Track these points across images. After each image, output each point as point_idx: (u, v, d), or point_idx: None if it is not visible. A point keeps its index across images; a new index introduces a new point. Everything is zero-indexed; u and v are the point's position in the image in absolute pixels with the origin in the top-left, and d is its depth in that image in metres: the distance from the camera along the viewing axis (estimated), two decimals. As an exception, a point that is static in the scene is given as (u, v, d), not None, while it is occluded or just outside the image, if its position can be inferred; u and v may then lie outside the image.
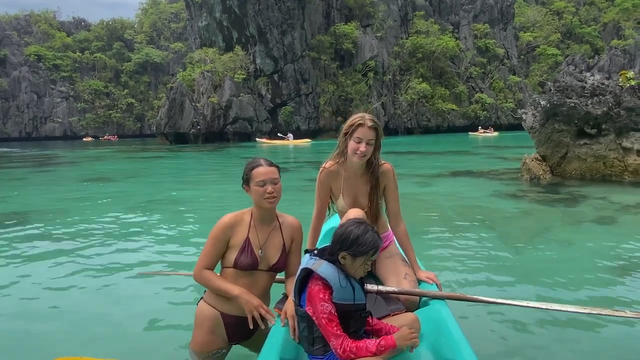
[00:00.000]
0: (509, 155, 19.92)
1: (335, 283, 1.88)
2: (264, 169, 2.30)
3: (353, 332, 1.92)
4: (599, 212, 7.20)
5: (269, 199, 2.28)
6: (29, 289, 4.21)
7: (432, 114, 60.54)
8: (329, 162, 2.74)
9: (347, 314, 1.91)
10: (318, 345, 1.92)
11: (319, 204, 2.79)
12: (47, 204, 9.33)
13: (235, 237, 2.32)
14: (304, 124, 52.38)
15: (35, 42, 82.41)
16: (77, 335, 3.26)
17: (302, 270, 1.99)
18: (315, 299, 1.87)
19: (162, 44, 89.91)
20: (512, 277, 4.33)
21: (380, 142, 2.62)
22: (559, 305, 2.37)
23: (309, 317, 1.91)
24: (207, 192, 10.89)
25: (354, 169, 2.67)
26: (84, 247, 5.65)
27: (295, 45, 51.87)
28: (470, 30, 68.02)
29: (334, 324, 1.84)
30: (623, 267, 4.53)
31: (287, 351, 2.03)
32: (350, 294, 1.91)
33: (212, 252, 2.33)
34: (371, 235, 1.93)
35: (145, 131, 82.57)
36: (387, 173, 2.71)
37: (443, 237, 5.86)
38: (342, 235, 1.95)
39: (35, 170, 19.18)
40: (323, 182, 2.75)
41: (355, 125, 2.55)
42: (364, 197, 2.70)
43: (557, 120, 10.76)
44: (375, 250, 1.95)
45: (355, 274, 1.96)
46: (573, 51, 74.65)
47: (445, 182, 11.83)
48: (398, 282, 2.50)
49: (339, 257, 1.94)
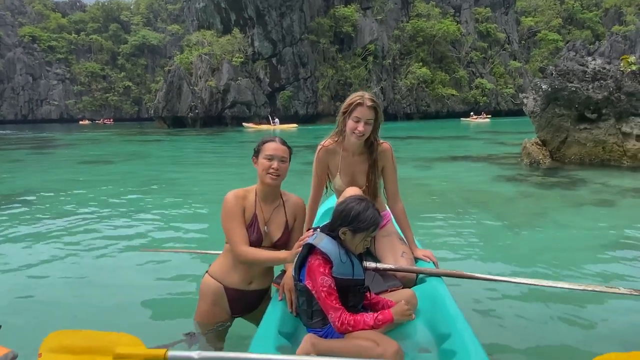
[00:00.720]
0: (508, 140, 19.92)
1: (336, 258, 1.91)
2: (276, 145, 2.33)
3: (351, 306, 1.95)
4: (597, 195, 7.26)
5: (272, 174, 2.29)
6: (29, 265, 4.25)
7: (432, 99, 60.22)
8: (327, 141, 2.73)
9: (346, 288, 1.94)
10: (317, 319, 1.95)
11: (316, 183, 2.78)
12: (45, 184, 9.32)
13: (245, 212, 2.35)
14: (303, 109, 52.09)
15: (29, 22, 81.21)
16: (78, 309, 3.30)
17: (304, 247, 2.01)
18: (316, 272, 1.90)
19: (159, 26, 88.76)
20: (511, 256, 4.38)
21: (379, 122, 2.61)
22: (554, 282, 2.40)
23: (309, 291, 1.94)
24: (206, 174, 10.89)
25: (352, 148, 2.67)
26: (84, 225, 5.68)
27: (294, 28, 51.25)
28: (471, 14, 67.26)
29: (333, 297, 1.87)
30: (619, 246, 4.59)
31: (286, 324, 2.07)
32: (349, 269, 1.94)
33: (238, 227, 2.30)
34: (372, 212, 1.95)
35: (143, 115, 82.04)
36: (386, 152, 2.71)
37: (442, 218, 5.90)
38: (342, 212, 1.97)
39: (32, 152, 19.09)
40: (321, 161, 2.74)
41: (354, 104, 2.53)
42: (362, 176, 2.70)
43: (557, 104, 10.75)
44: (376, 227, 1.98)
45: (355, 250, 1.99)
46: (574, 37, 74.02)
47: (444, 166, 11.85)
48: (395, 260, 2.52)
49: (339, 232, 1.96)
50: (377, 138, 2.67)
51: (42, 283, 3.82)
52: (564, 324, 2.96)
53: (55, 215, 6.32)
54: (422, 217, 5.81)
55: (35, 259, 4.40)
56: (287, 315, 2.12)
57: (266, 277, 2.48)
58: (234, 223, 2.30)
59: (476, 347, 1.72)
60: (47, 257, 4.47)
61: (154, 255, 4.36)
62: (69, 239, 5.08)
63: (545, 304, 3.22)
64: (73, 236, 5.20)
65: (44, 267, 4.19)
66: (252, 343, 1.85)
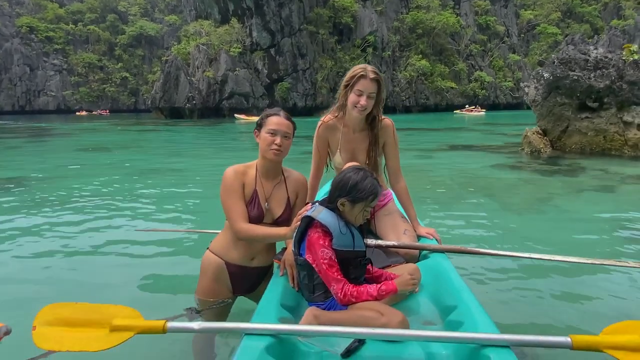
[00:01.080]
0: (507, 131, 19.88)
1: (335, 229, 1.86)
2: (279, 119, 2.22)
3: (353, 278, 1.91)
4: (598, 182, 7.23)
5: (275, 150, 2.20)
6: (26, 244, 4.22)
7: (431, 92, 60.06)
8: (327, 116, 2.64)
9: (347, 260, 1.89)
10: (318, 292, 1.91)
11: (316, 159, 2.71)
12: (44, 170, 9.23)
13: (245, 187, 2.28)
14: (301, 101, 51.87)
15: (27, 13, 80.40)
16: (74, 285, 3.27)
17: (303, 219, 1.96)
18: (316, 245, 1.86)
19: (157, 17, 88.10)
20: (514, 237, 4.36)
21: (382, 96, 2.52)
22: (562, 256, 2.33)
23: (309, 264, 1.90)
24: (203, 162, 10.84)
25: (353, 123, 2.58)
26: (81, 208, 5.64)
27: (293, 18, 50.85)
28: (471, 7, 66.93)
29: (335, 269, 1.83)
30: (621, 227, 4.57)
31: (288, 299, 2.02)
32: (349, 240, 1.90)
33: (237, 203, 2.22)
34: (370, 181, 1.90)
35: (140, 106, 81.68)
36: (387, 128, 2.62)
37: (444, 203, 5.87)
38: (340, 182, 1.92)
39: (30, 140, 18.97)
40: (321, 137, 2.66)
41: (357, 76, 2.43)
42: (362, 153, 2.62)
43: (559, 93, 10.67)
44: (375, 197, 1.91)
45: (354, 221, 1.94)
46: (573, 30, 73.71)
47: (445, 155, 11.80)
48: (398, 238, 2.47)
49: (338, 203, 1.91)
50: (379, 113, 2.57)
51: (39, 261, 3.78)
52: (570, 296, 2.95)
53: (53, 198, 6.28)
54: (424, 202, 5.76)
55: (33, 239, 4.36)
56: (289, 290, 2.07)
57: (268, 253, 2.42)
58: (233, 199, 2.22)
59: (483, 316, 1.66)
60: (45, 236, 4.44)
61: (153, 235, 4.32)
62: (66, 220, 5.04)
63: (552, 278, 3.20)
64: (70, 217, 5.16)
65: (41, 246, 4.16)
66: (254, 315, 1.79)
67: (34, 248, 4.10)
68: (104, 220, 5.01)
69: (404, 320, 1.70)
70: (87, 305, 1.67)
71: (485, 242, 4.13)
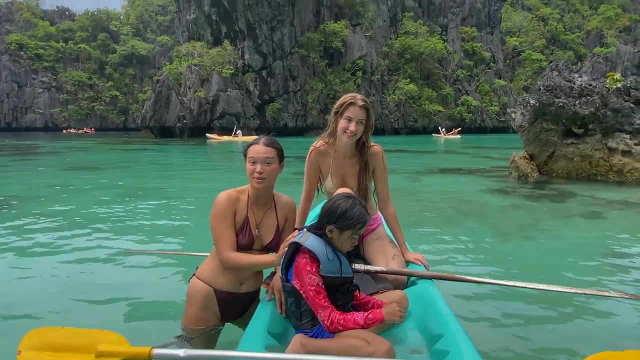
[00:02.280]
0: (494, 154, 20.17)
1: (323, 255, 1.87)
2: (259, 147, 2.22)
3: (341, 305, 1.91)
4: (585, 207, 7.32)
5: (257, 178, 2.21)
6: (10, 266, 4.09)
7: (419, 114, 61.03)
8: (319, 142, 2.70)
9: (335, 287, 1.90)
10: (306, 319, 1.91)
11: (307, 185, 2.75)
12: (29, 190, 9.06)
13: (237, 215, 2.26)
14: (292, 121, 52.26)
15: (17, 30, 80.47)
16: (60, 309, 3.17)
17: (290, 246, 1.96)
18: (303, 271, 1.86)
19: (149, 37, 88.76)
20: (502, 262, 4.37)
21: (371, 123, 2.59)
22: (546, 285, 2.38)
23: (297, 291, 1.89)
24: (193, 182, 10.73)
25: (343, 149, 2.64)
26: (68, 228, 5.52)
27: (285, 41, 51.68)
28: (457, 33, 68.74)
29: (322, 296, 1.83)
30: (608, 255, 4.60)
31: (275, 325, 2.01)
32: (337, 267, 1.90)
33: (225, 230, 2.20)
34: (359, 209, 1.92)
35: (129, 125, 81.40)
36: (377, 155, 2.69)
37: (433, 227, 5.88)
38: (329, 209, 1.94)
39: (17, 159, 18.68)
40: (312, 162, 2.71)
41: (346, 104, 2.52)
42: (353, 178, 2.68)
43: (545, 119, 10.89)
44: (363, 225, 1.94)
45: (342, 248, 1.95)
46: (557, 57, 75.99)
47: (434, 178, 11.89)
48: (386, 263, 2.49)
49: (326, 230, 1.92)
50: (368, 140, 2.65)
51: (23, 284, 3.68)
52: (555, 325, 2.96)
53: (38, 218, 6.13)
54: (412, 225, 5.76)
55: (17, 261, 4.25)
56: (277, 316, 2.06)
57: (257, 278, 2.39)
58: (223, 226, 2.20)
59: (468, 346, 1.67)
60: (29, 258, 4.33)
61: (139, 258, 4.25)
62: (52, 242, 4.93)
63: (536, 307, 3.22)
64: (56, 239, 5.05)
65: (26, 269, 4.05)
66: (241, 342, 1.78)
67: (18, 270, 3.99)
68: (90, 242, 4.91)
69: (391, 349, 1.70)
70: (72, 329, 1.68)
71: (472, 269, 4.14)
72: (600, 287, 3.65)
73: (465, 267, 4.16)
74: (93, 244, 4.82)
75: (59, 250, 4.60)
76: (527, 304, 3.24)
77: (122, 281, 3.74)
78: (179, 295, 3.26)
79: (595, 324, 2.99)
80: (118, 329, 1.68)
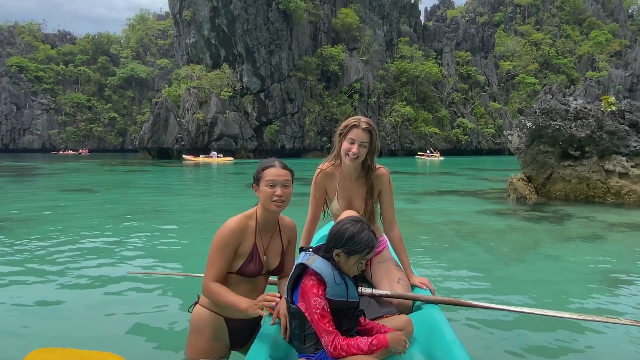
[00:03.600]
0: (491, 176, 20.27)
1: (330, 279, 1.85)
2: (277, 170, 2.20)
3: (346, 330, 1.88)
4: (585, 230, 7.32)
5: (277, 202, 2.18)
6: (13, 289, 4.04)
7: (416, 137, 61.55)
8: (325, 164, 2.71)
9: (340, 312, 1.87)
10: (310, 344, 1.88)
11: (313, 206, 2.75)
12: (27, 211, 9.00)
13: (243, 245, 2.20)
14: (290, 143, 52.57)
15: (18, 53, 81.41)
16: (63, 331, 3.13)
17: (297, 267, 1.94)
18: (309, 294, 1.84)
19: (149, 60, 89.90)
20: (504, 287, 4.33)
21: (375, 146, 2.59)
22: (555, 312, 2.34)
23: (302, 313, 1.87)
24: (193, 204, 10.70)
25: (349, 171, 2.65)
26: (68, 251, 5.46)
27: (283, 65, 52.48)
28: (452, 58, 70.04)
29: (327, 320, 1.80)
30: (610, 279, 4.57)
31: (277, 350, 1.98)
32: (344, 291, 1.88)
33: (220, 261, 2.15)
34: (367, 234, 1.90)
35: (127, 146, 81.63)
36: (383, 178, 2.69)
37: (433, 250, 5.85)
38: (337, 233, 1.92)
39: (15, 180, 18.62)
40: (319, 184, 2.72)
41: (350, 126, 2.55)
42: (359, 200, 2.68)
43: (542, 141, 11.01)
44: (370, 250, 1.92)
45: (349, 273, 1.93)
46: (550, 81, 77.44)
47: (432, 200, 11.90)
48: (391, 287, 2.46)
49: (333, 254, 1.91)
50: (373, 162, 2.65)
51: (24, 306, 3.63)
52: (563, 353, 2.90)
53: (37, 240, 6.08)
54: (413, 248, 5.73)
55: (19, 284, 4.19)
56: (279, 341, 2.03)
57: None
58: (219, 256, 2.16)
59: None
60: (29, 280, 4.27)
61: (140, 279, 4.21)
62: (53, 263, 4.88)
63: (545, 334, 3.16)
64: (57, 260, 4.99)
65: (28, 291, 3.99)
66: None
67: (18, 293, 3.94)
68: (91, 264, 4.86)
69: None
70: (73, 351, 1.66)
71: (474, 293, 4.10)
72: (603, 311, 3.62)
73: (465, 291, 4.13)
74: (94, 266, 4.77)
75: (58, 272, 4.55)
76: (535, 331, 3.20)
77: (123, 302, 3.70)
78: (181, 316, 3.23)
79: (605, 351, 2.93)
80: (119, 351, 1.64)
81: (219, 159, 39.73)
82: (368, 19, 63.33)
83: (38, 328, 3.18)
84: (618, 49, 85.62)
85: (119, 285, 4.11)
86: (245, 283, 2.23)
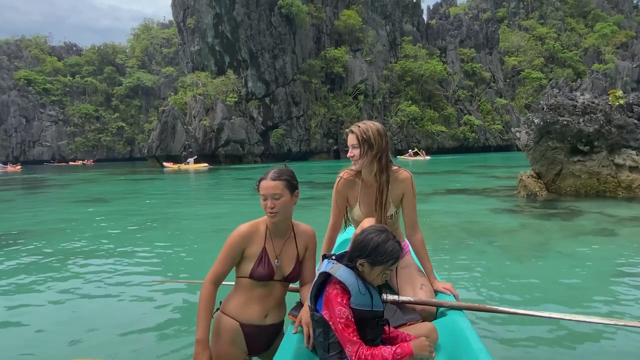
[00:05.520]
0: (499, 173, 20.15)
1: (354, 288, 1.84)
2: (266, 183, 2.24)
3: (370, 340, 1.87)
4: (597, 225, 7.28)
5: (270, 213, 2.25)
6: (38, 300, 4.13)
7: (422, 135, 61.32)
8: (345, 172, 2.72)
9: (364, 321, 1.86)
10: (333, 352, 1.86)
11: (335, 213, 2.76)
12: (41, 224, 9.14)
13: (251, 248, 2.27)
14: (296, 146, 52.65)
15: (25, 66, 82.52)
16: (87, 341, 3.20)
17: (320, 275, 1.94)
18: (333, 302, 1.83)
19: (154, 68, 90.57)
20: (516, 287, 4.31)
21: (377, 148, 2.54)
22: (584, 316, 2.23)
23: (325, 321, 1.86)
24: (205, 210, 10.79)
25: (368, 177, 2.66)
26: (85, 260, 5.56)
27: (287, 69, 52.63)
28: (456, 55, 69.73)
29: (351, 329, 1.79)
30: (627, 275, 4.55)
31: (300, 359, 1.97)
32: (368, 300, 1.86)
33: (225, 259, 2.26)
34: (392, 244, 1.88)
35: (136, 154, 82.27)
36: (406, 181, 2.68)
37: (446, 250, 5.85)
38: (361, 242, 1.90)
39: (27, 192, 18.86)
40: (340, 192, 2.73)
41: (347, 134, 2.66)
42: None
43: (550, 137, 10.96)
44: (395, 261, 1.89)
45: (372, 282, 1.91)
46: (556, 75, 76.84)
47: (442, 199, 11.88)
48: (414, 293, 2.44)
49: (357, 263, 1.89)
50: (381, 163, 2.58)
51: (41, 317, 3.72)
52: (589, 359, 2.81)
53: (52, 252, 6.18)
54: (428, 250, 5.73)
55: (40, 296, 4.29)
56: (302, 350, 2.03)
57: (281, 310, 2.39)
58: (224, 254, 2.27)
59: None
60: (45, 292, 4.36)
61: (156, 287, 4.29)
62: (66, 274, 4.97)
63: (574, 339, 3.06)
64: (71, 271, 5.08)
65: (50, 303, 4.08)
66: None
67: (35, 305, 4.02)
68: (115, 274, 4.95)
69: None
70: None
71: (490, 295, 4.09)
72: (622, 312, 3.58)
73: (481, 294, 4.13)
74: (116, 275, 4.86)
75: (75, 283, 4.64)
76: (565, 337, 3.09)
77: (151, 311, 3.77)
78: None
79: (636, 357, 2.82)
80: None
81: (192, 165, 40.25)
82: (370, 19, 63.31)
83: (62, 340, 3.25)
84: (624, 40, 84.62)
85: (144, 294, 4.17)
86: (258, 287, 2.28)
